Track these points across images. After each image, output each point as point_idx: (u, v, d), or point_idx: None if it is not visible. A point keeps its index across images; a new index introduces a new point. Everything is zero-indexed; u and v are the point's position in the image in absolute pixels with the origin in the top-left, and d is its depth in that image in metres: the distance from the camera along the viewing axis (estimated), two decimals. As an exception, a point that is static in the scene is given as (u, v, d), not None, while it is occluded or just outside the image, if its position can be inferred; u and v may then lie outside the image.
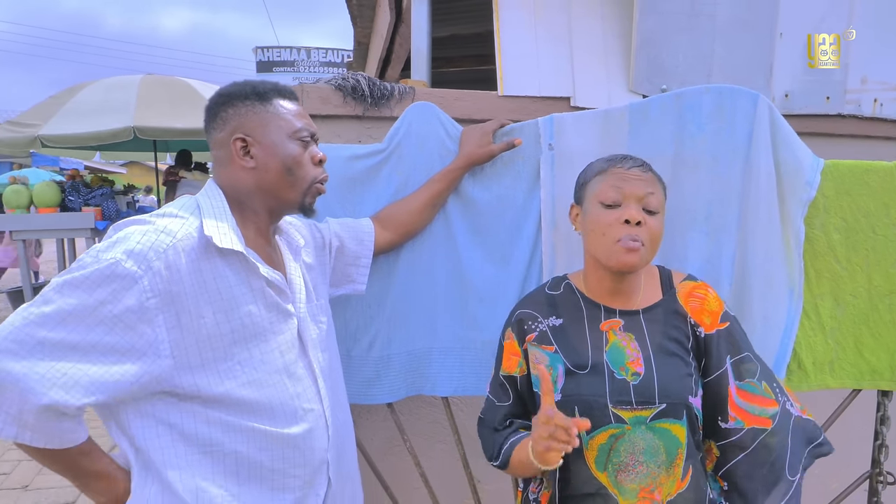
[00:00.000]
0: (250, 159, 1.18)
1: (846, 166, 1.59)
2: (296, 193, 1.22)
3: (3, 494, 2.85)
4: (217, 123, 1.20)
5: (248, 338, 1.14)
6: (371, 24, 3.91)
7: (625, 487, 1.20)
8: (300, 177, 1.21)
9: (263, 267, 1.18)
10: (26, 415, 0.97)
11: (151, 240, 1.04)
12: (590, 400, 1.21)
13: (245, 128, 1.18)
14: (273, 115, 1.20)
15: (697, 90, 1.58)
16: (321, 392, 1.27)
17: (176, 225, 1.09)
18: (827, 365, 1.61)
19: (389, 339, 1.69)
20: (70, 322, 0.99)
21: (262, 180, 1.19)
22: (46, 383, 0.97)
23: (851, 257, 1.59)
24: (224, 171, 1.21)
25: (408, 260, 1.68)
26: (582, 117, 1.62)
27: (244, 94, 1.19)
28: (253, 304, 1.15)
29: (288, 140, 1.20)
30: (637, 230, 1.21)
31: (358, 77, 1.87)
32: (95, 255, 1.02)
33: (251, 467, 1.16)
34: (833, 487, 2.17)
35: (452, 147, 1.66)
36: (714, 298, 1.33)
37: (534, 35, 2.03)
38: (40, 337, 0.97)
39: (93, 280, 1.00)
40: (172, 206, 1.16)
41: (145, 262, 1.02)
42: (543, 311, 1.34)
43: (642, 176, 1.25)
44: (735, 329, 1.31)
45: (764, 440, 1.26)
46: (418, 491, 1.91)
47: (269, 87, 1.22)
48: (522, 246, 1.66)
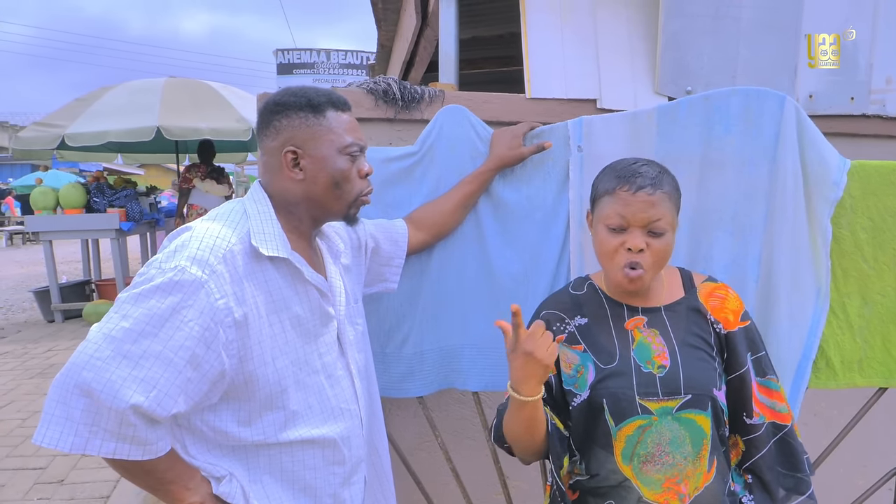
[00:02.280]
0: (300, 171, 1.20)
1: (872, 167, 1.61)
2: (341, 206, 1.25)
3: (40, 489, 2.93)
4: (269, 132, 1.21)
5: (298, 336, 1.19)
6: (395, 27, 3.95)
7: (650, 478, 1.23)
8: (347, 190, 1.23)
9: (308, 271, 1.22)
10: (125, 428, 1.00)
11: (210, 244, 1.09)
12: (618, 393, 1.25)
13: (297, 140, 1.19)
14: (325, 129, 1.20)
15: (725, 92, 1.60)
16: (357, 392, 1.31)
17: (228, 231, 1.13)
18: (855, 363, 1.63)
19: (422, 337, 1.74)
20: (150, 332, 1.02)
21: (309, 192, 1.21)
22: (140, 395, 1.00)
23: (879, 256, 1.61)
24: (273, 178, 1.23)
25: (439, 259, 1.72)
26: (610, 119, 1.65)
27: (299, 105, 1.20)
28: (299, 306, 1.20)
29: (338, 155, 1.21)
30: (639, 257, 1.23)
31: (389, 81, 1.92)
32: (159, 266, 1.06)
33: (294, 467, 1.21)
34: (859, 484, 2.18)
35: (483, 149, 1.70)
36: (734, 298, 1.36)
37: (560, 38, 2.06)
38: (125, 351, 1.01)
39: (163, 289, 1.04)
40: (222, 212, 1.20)
41: (208, 266, 1.07)
42: (569, 311, 1.37)
43: (649, 199, 1.23)
44: (754, 328, 1.35)
45: (784, 435, 1.31)
46: (447, 486, 1.94)
47: (324, 98, 1.22)
48: (551, 246, 1.70)
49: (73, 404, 0.99)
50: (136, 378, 1.00)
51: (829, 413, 2.26)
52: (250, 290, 1.12)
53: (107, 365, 0.99)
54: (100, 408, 0.99)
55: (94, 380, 0.98)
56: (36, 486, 2.96)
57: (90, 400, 0.99)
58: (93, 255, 7.91)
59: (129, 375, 1.00)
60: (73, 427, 0.99)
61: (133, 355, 1.01)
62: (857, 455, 2.33)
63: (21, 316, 7.33)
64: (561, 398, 1.35)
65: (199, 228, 1.13)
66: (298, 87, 1.25)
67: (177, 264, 1.05)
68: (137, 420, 1.01)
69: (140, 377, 1.00)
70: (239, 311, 1.10)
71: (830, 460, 1.79)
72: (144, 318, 1.02)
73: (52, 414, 0.99)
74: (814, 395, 2.24)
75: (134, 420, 1.00)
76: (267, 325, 1.14)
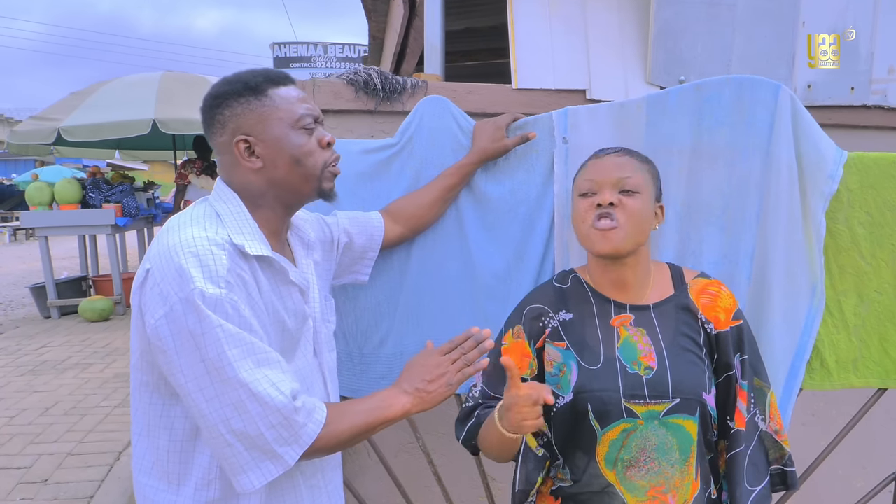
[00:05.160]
0: (256, 159, 1.12)
1: (871, 158, 1.54)
2: (310, 183, 1.16)
3: (23, 488, 2.89)
4: (216, 128, 1.14)
5: (283, 348, 1.14)
6: (385, 18, 3.88)
7: (634, 484, 1.18)
8: (311, 165, 1.15)
9: (292, 270, 1.16)
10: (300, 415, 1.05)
11: (213, 254, 1.03)
12: (602, 395, 1.19)
13: (244, 127, 1.12)
14: (271, 108, 1.12)
15: (717, 81, 1.53)
16: (329, 394, 1.27)
17: (218, 236, 1.06)
18: (851, 363, 1.56)
19: (402, 336, 1.68)
20: (238, 338, 1.00)
21: (272, 178, 1.14)
22: (275, 388, 1.02)
23: (876, 252, 1.54)
24: (233, 174, 1.15)
25: (420, 256, 1.66)
26: (597, 110, 1.59)
27: (236, 91, 1.12)
28: (284, 309, 1.14)
29: (291, 131, 1.13)
30: (610, 210, 1.20)
31: (370, 71, 1.86)
32: (179, 295, 0.99)
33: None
34: (858, 486, 2.13)
35: (465, 141, 1.64)
36: (727, 296, 1.30)
37: (548, 27, 2.00)
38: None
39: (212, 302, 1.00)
40: (195, 217, 1.10)
41: (223, 280, 1.01)
42: (553, 305, 1.31)
43: (617, 161, 1.24)
44: (746, 328, 1.29)
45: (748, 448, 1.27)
46: (432, 489, 1.89)
47: (261, 77, 1.14)
48: (536, 241, 1.64)
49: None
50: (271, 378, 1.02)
51: (827, 413, 2.20)
52: (252, 293, 1.07)
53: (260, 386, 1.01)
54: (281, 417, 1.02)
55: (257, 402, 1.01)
56: (19, 485, 2.92)
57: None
58: (90, 251, 7.87)
59: (266, 378, 1.02)
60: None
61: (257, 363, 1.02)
62: (856, 456, 2.27)
63: (20, 312, 7.32)
64: None
65: (185, 241, 1.03)
66: (233, 74, 1.17)
67: (194, 287, 0.98)
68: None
69: (266, 375, 1.02)
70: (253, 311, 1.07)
71: (829, 462, 1.73)
72: (226, 332, 0.99)
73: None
74: (812, 396, 2.19)
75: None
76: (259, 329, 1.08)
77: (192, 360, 0.98)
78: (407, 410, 1.16)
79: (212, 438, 1.02)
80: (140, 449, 1.13)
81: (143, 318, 1.02)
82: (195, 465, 1.09)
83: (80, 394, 4.24)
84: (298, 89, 1.19)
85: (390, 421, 1.15)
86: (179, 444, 1.09)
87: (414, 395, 1.16)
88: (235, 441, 1.00)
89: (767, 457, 1.28)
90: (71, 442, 3.43)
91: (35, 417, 3.81)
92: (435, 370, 1.18)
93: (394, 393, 1.17)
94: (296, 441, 1.04)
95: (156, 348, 1.01)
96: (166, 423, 1.09)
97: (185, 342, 0.98)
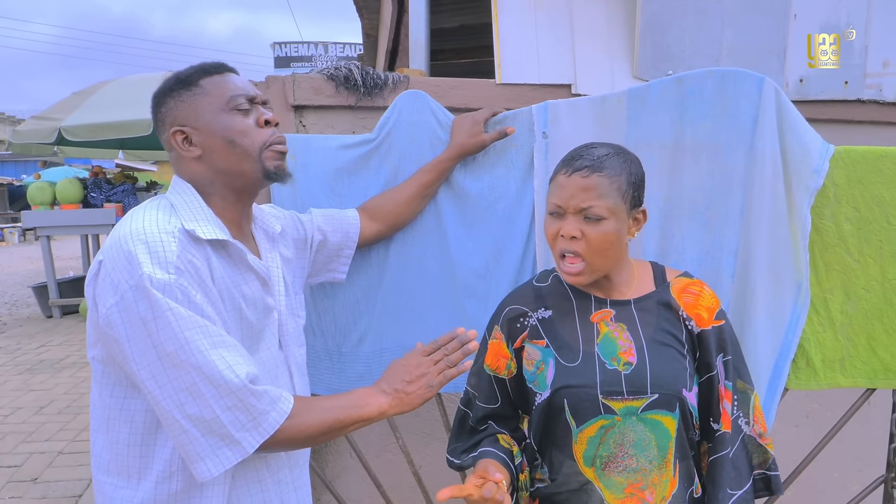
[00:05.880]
0: (195, 148, 1.12)
1: (858, 153, 1.50)
2: (250, 163, 1.13)
3: (13, 487, 2.89)
4: (158, 125, 1.15)
5: (244, 338, 1.12)
6: (378, 15, 3.85)
7: (611, 480, 1.16)
8: (246, 145, 1.12)
9: (251, 256, 1.14)
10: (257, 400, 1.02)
11: (162, 241, 1.01)
12: (579, 392, 1.17)
13: (179, 119, 1.12)
14: (200, 95, 1.12)
15: (700, 73, 1.50)
16: (295, 387, 1.24)
17: (170, 224, 1.05)
18: (837, 363, 1.52)
19: (381, 335, 1.66)
20: (191, 321, 0.99)
21: (212, 164, 1.13)
22: (230, 369, 1.00)
23: (864, 249, 1.50)
24: (180, 167, 1.15)
25: (398, 254, 1.64)
26: (577, 104, 1.56)
27: (170, 87, 1.13)
28: (241, 297, 1.12)
29: (222, 113, 1.12)
30: (573, 244, 1.16)
31: (350, 66, 1.83)
32: (129, 282, 0.97)
33: (244, 470, 1.14)
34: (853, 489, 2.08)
35: (444, 136, 1.61)
36: (710, 295, 1.27)
37: (533, 20, 1.97)
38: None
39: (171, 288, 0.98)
40: (148, 208, 1.09)
41: (172, 266, 0.99)
42: (532, 304, 1.29)
43: (582, 182, 1.15)
44: (728, 329, 1.26)
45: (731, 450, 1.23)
46: (415, 489, 1.87)
47: (193, 70, 1.14)
48: (515, 238, 1.61)
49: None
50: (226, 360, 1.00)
51: (822, 415, 2.16)
52: (206, 280, 1.05)
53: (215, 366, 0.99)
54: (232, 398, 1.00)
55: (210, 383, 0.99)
56: (9, 484, 2.92)
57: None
58: (92, 250, 7.88)
59: (221, 359, 1.00)
60: None
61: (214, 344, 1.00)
62: (852, 459, 2.23)
63: (25, 311, 7.37)
64: (519, 397, 1.30)
65: (136, 230, 1.02)
66: (172, 72, 1.18)
67: (142, 272, 0.97)
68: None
69: (224, 356, 1.00)
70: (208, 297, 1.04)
71: (825, 464, 1.69)
72: (175, 316, 0.97)
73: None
74: (806, 397, 2.15)
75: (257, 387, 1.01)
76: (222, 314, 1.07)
77: (143, 346, 0.97)
78: (384, 411, 1.13)
79: (168, 426, 1.00)
80: (98, 446, 1.11)
81: (97, 309, 1.01)
82: (156, 458, 1.07)
83: (75, 393, 4.25)
84: (235, 76, 1.17)
85: (365, 420, 1.12)
86: (140, 437, 1.07)
87: (392, 395, 1.14)
88: (191, 427, 0.98)
89: (751, 461, 1.24)
90: (63, 441, 3.43)
91: (29, 416, 3.81)
92: (415, 370, 1.16)
93: (371, 392, 1.15)
94: (255, 427, 1.01)
95: (108, 338, 1.00)
96: (126, 415, 1.07)
97: (136, 329, 0.96)
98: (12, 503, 2.75)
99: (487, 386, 1.31)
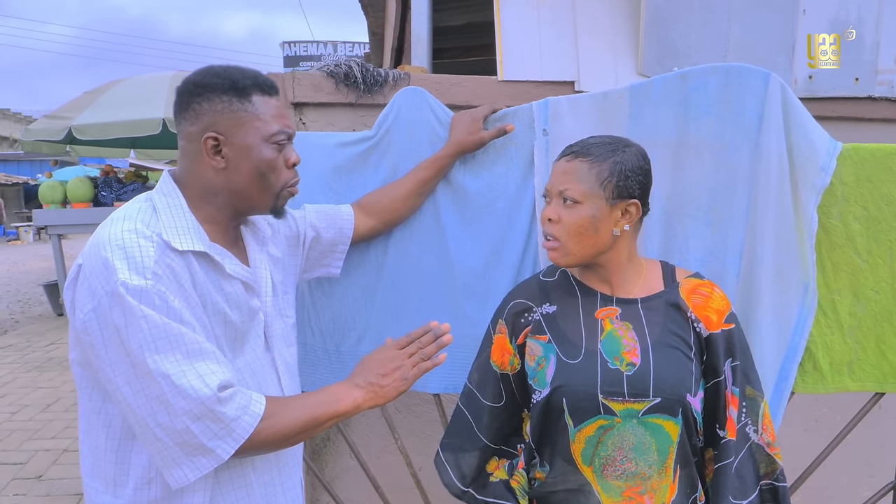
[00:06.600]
0: (221, 159, 1.09)
1: (867, 150, 1.46)
2: (266, 198, 1.14)
3: (17, 484, 2.90)
4: (189, 115, 1.09)
5: (228, 340, 1.11)
6: (383, 13, 3.84)
7: (609, 484, 1.14)
8: (272, 182, 1.13)
9: (230, 264, 1.12)
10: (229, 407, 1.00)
11: (140, 246, 1.00)
12: (579, 390, 1.15)
13: (219, 126, 1.08)
14: (251, 115, 1.09)
15: (704, 69, 1.47)
16: (283, 390, 1.23)
17: (149, 229, 1.03)
18: (846, 366, 1.48)
19: (380, 333, 1.64)
20: (165, 329, 0.98)
21: (231, 182, 1.11)
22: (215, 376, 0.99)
23: (873, 249, 1.46)
24: (190, 165, 1.12)
25: (397, 252, 1.62)
26: (579, 100, 1.53)
27: (222, 87, 1.08)
28: (225, 302, 1.10)
29: (263, 143, 1.10)
30: (551, 227, 1.19)
31: (350, 63, 1.82)
32: (105, 289, 0.96)
33: (229, 471, 1.13)
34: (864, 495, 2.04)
35: (443, 134, 1.59)
36: (720, 297, 1.24)
37: (536, 16, 1.94)
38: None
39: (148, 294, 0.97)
40: (129, 211, 1.08)
41: (149, 271, 0.98)
42: (536, 298, 1.28)
43: (565, 167, 1.18)
44: (738, 332, 1.22)
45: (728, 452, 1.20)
46: (414, 491, 1.85)
47: (250, 81, 1.10)
48: (515, 237, 1.58)
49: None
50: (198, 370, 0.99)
51: (832, 419, 2.11)
52: (185, 286, 1.04)
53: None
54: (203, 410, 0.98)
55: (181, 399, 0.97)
56: (14, 481, 2.93)
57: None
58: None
59: (192, 370, 0.98)
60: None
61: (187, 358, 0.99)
62: (863, 465, 2.18)
63: (37, 309, 7.43)
64: (523, 393, 1.29)
65: (114, 234, 1.01)
66: (221, 66, 1.13)
67: (118, 278, 0.95)
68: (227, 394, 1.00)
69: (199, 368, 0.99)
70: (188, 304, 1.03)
71: (834, 470, 1.65)
72: (155, 323, 0.96)
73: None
74: (815, 401, 2.11)
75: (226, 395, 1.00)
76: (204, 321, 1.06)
77: (118, 353, 0.96)
78: (358, 405, 1.12)
79: (141, 433, 0.99)
80: (83, 448, 1.11)
81: (74, 313, 1.00)
82: (133, 465, 1.05)
83: (82, 391, 4.26)
84: (282, 102, 1.17)
85: (341, 415, 1.12)
86: (117, 443, 1.06)
87: (367, 388, 1.14)
88: (164, 436, 0.97)
89: (758, 470, 1.20)
90: (68, 438, 3.45)
91: (35, 414, 3.84)
92: (389, 364, 1.15)
93: (345, 387, 1.14)
94: (228, 434, 1.00)
95: (85, 343, 0.99)
96: (104, 420, 1.06)
97: (111, 336, 0.95)
98: (16, 500, 2.76)
99: (493, 383, 1.30)
